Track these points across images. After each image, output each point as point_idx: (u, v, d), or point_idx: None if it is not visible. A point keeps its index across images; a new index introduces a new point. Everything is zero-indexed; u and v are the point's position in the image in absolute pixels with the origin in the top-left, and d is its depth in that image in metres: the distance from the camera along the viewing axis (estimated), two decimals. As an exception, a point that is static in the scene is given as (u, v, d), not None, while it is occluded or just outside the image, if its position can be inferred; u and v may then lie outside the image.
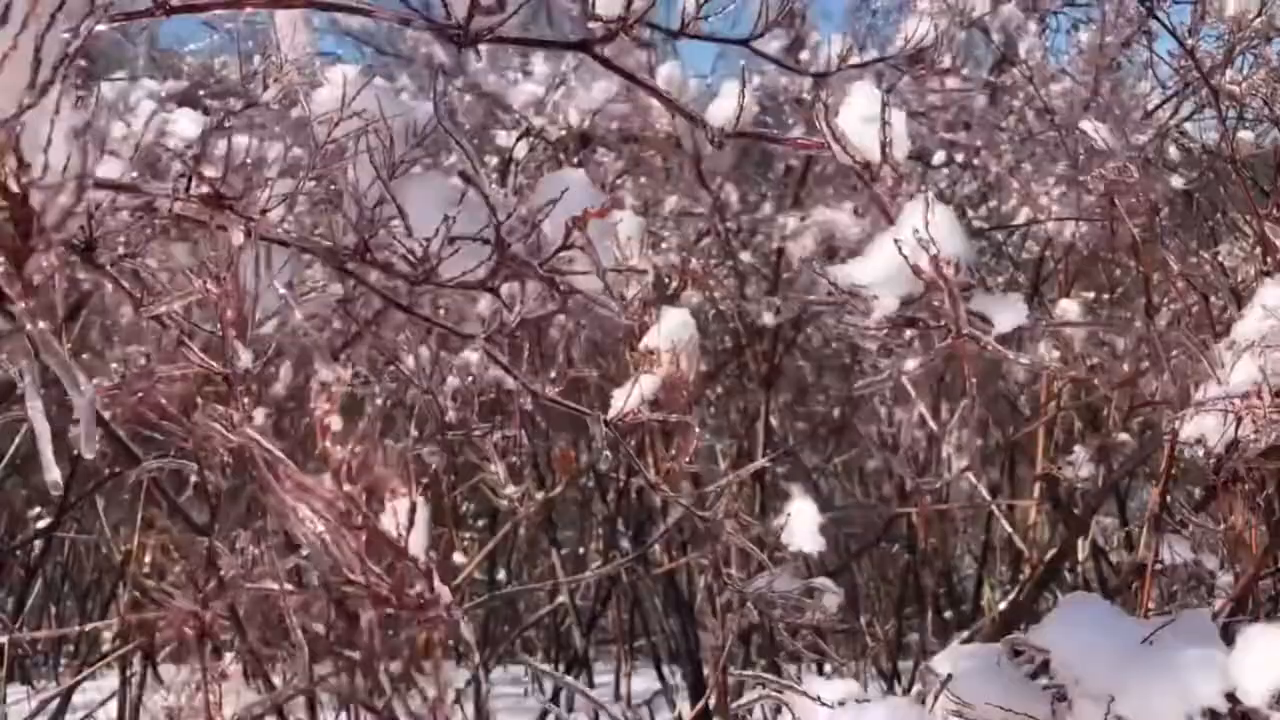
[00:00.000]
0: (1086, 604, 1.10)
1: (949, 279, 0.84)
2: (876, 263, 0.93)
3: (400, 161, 1.38)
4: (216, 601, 2.02)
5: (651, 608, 3.97)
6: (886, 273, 0.91)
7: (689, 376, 1.80)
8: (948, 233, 0.90)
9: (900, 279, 0.90)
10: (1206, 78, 2.83)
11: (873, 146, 0.94)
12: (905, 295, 0.91)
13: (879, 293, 0.91)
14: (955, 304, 0.83)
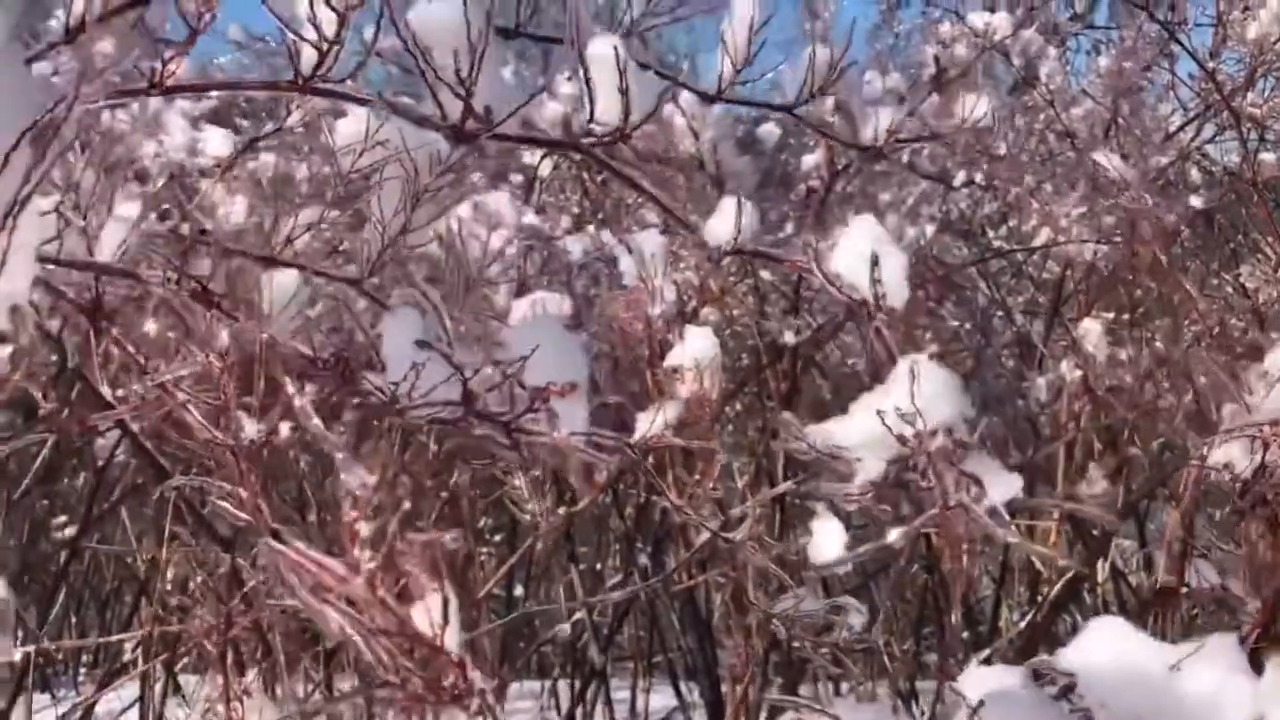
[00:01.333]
0: (1112, 627, 1.10)
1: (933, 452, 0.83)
2: (860, 425, 0.89)
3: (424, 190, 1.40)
4: (241, 616, 2.04)
5: (669, 624, 3.97)
6: (870, 435, 0.88)
7: (713, 395, 1.82)
8: (939, 396, 0.87)
9: (885, 442, 0.87)
10: (1228, 100, 2.84)
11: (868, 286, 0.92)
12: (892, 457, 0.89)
13: (863, 455, 0.89)
14: (940, 477, 0.82)
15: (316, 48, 0.93)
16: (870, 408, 0.89)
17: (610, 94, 0.94)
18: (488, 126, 0.91)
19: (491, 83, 0.92)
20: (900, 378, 0.87)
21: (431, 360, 0.83)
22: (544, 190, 3.20)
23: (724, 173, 2.67)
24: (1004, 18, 3.01)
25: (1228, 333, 2.43)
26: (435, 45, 0.90)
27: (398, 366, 0.83)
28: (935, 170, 3.25)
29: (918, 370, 0.87)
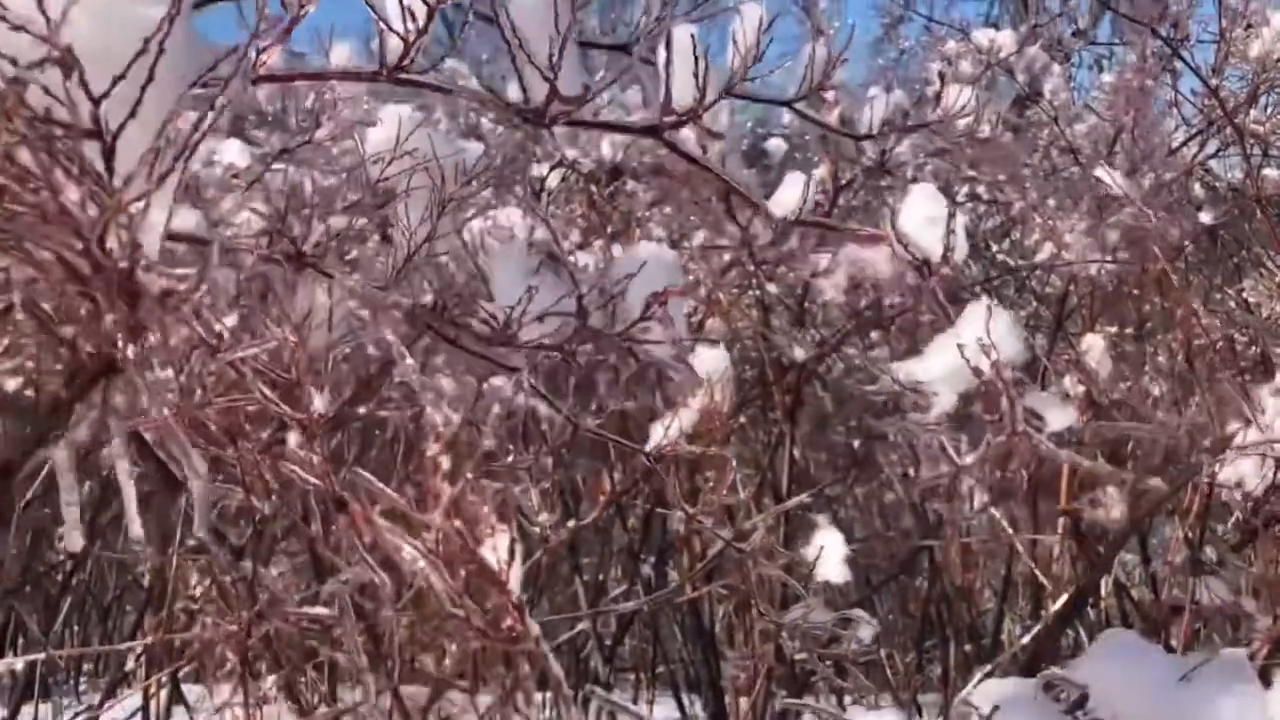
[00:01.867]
0: (1124, 640, 1.11)
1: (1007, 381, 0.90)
2: (936, 362, 0.99)
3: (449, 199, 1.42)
4: (255, 626, 2.04)
5: (671, 636, 3.98)
6: (945, 371, 0.97)
7: (724, 408, 1.83)
8: (1006, 336, 0.97)
9: (959, 377, 0.96)
10: (1231, 117, 2.86)
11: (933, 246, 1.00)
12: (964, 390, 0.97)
13: (939, 390, 0.97)
14: (1012, 405, 0.89)
15: (402, 38, 0.96)
16: (945, 345, 0.99)
17: (685, 78, 1.00)
18: (574, 107, 0.95)
19: (571, 70, 0.96)
20: (970, 319, 0.98)
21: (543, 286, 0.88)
22: (551, 202, 3.22)
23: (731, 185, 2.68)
24: (1008, 35, 3.03)
25: (1232, 348, 2.44)
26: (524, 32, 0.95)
27: (507, 296, 0.88)
28: (938, 185, 3.27)
29: (991, 310, 0.96)
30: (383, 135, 1.31)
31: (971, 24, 3.46)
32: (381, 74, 0.97)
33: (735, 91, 1.17)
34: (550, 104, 0.94)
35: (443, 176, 1.14)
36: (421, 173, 1.15)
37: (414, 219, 1.15)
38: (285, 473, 1.08)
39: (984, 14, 11.86)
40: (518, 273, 0.94)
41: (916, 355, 1.03)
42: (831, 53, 1.42)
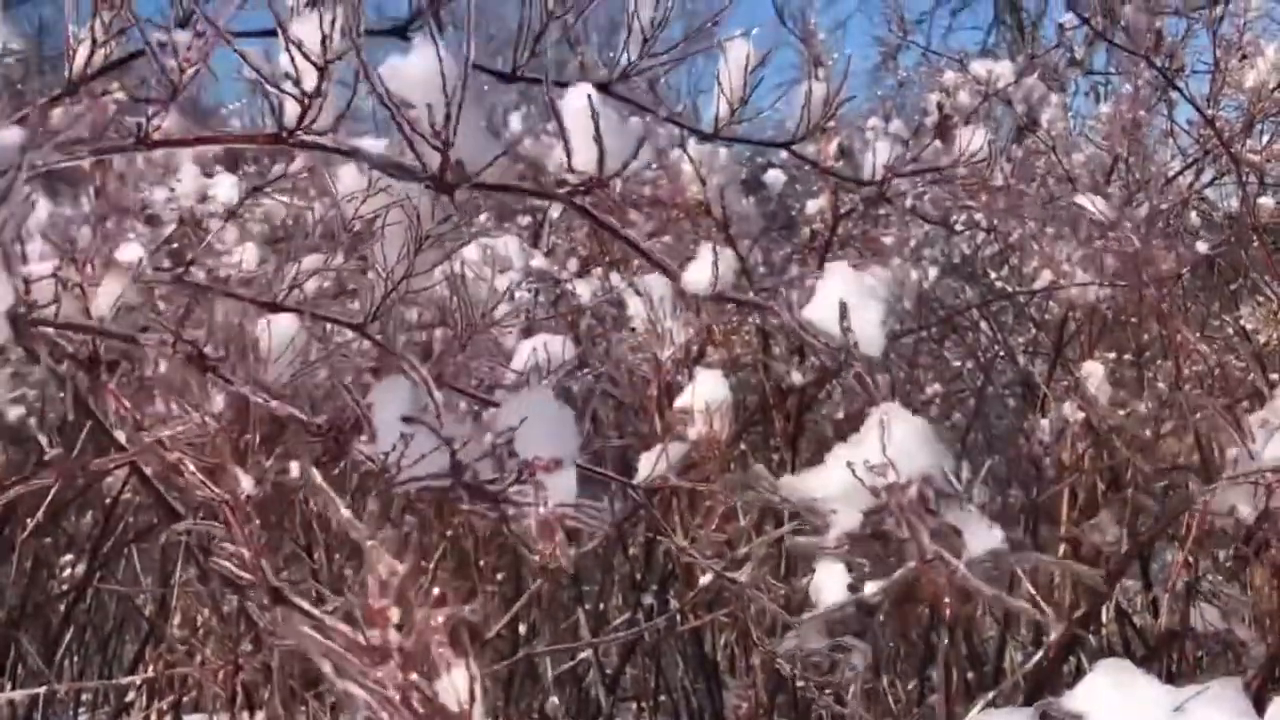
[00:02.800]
0: (1118, 669, 1.12)
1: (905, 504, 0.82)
2: (834, 476, 0.87)
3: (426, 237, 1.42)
4: (250, 657, 2.05)
5: (673, 665, 3.96)
6: (843, 488, 0.86)
7: (723, 437, 1.84)
8: (914, 446, 0.85)
9: (859, 494, 0.85)
10: (1227, 146, 2.88)
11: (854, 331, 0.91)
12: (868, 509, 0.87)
13: (837, 508, 0.86)
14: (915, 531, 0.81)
15: (299, 101, 0.94)
16: (842, 459, 0.87)
17: (586, 143, 0.95)
18: (465, 177, 0.93)
19: (472, 133, 0.92)
20: (871, 428, 0.86)
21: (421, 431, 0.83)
22: (552, 232, 3.24)
23: (730, 217, 2.71)
24: (1006, 65, 3.06)
25: (1228, 375, 2.45)
26: (414, 97, 0.91)
27: (388, 435, 0.84)
28: (938, 214, 3.29)
29: (887, 420, 0.85)
30: (356, 173, 1.31)
31: (969, 54, 3.49)
32: (281, 136, 0.95)
33: (723, 135, 1.17)
34: (444, 172, 0.91)
35: (418, 215, 1.14)
36: (397, 209, 1.15)
37: (391, 257, 1.16)
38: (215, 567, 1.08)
39: (981, 43, 11.94)
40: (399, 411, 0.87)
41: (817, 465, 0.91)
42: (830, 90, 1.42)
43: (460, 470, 0.84)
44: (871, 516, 0.85)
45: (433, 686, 0.63)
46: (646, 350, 2.13)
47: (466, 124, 0.89)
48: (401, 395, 0.85)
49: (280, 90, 0.90)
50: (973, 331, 4.07)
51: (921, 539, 0.80)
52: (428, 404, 0.85)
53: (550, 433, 0.87)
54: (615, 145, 0.95)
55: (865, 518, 0.85)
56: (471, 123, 0.91)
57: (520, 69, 1.19)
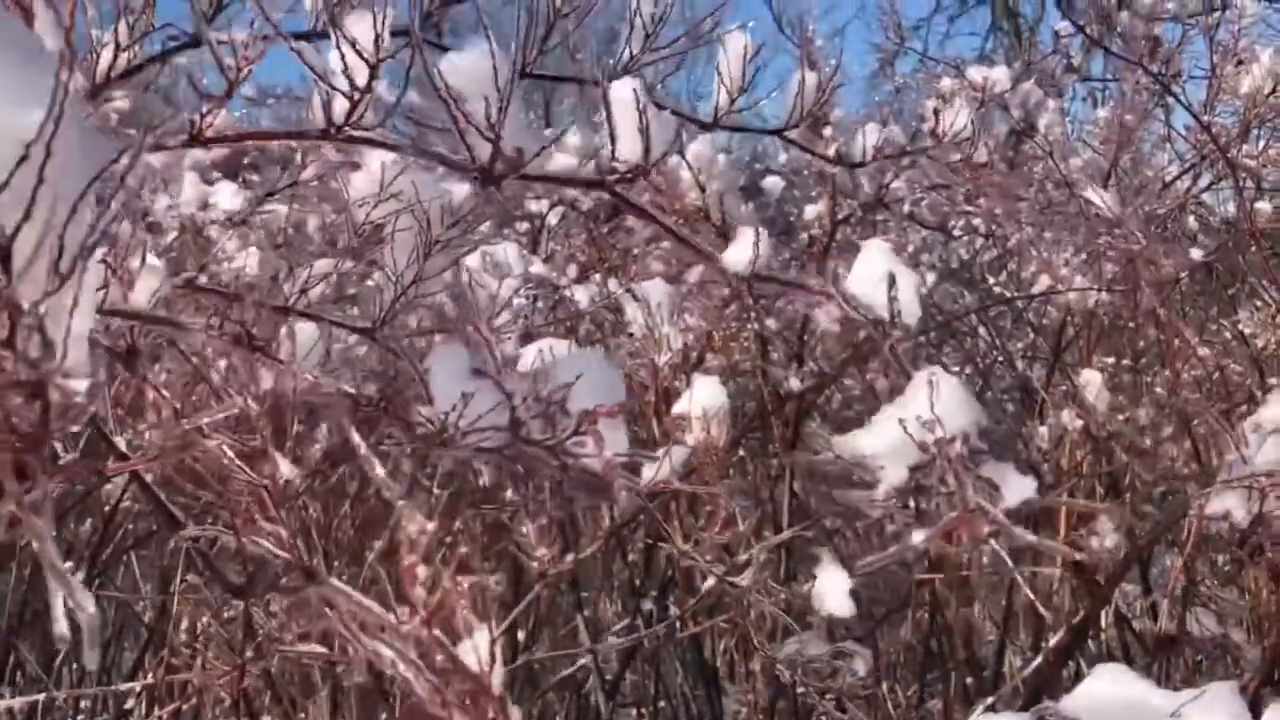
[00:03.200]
0: (1114, 674, 1.12)
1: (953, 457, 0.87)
2: (882, 434, 0.93)
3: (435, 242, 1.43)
4: (253, 664, 2.05)
5: (672, 671, 3.96)
6: (893, 444, 0.92)
7: (721, 442, 1.84)
8: (956, 406, 0.91)
9: (908, 450, 0.91)
10: (1223, 151, 2.89)
11: (884, 306, 0.96)
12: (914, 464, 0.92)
13: (886, 464, 0.92)
14: (960, 482, 0.86)
15: (348, 97, 0.96)
16: (892, 418, 0.93)
17: (631, 133, 0.99)
18: (515, 168, 0.95)
19: (516, 127, 0.96)
20: (918, 388, 0.91)
21: (480, 391, 0.87)
22: (551, 239, 3.25)
23: (729, 223, 2.71)
24: (1003, 71, 3.07)
25: (1226, 379, 2.46)
26: (464, 92, 0.94)
27: (446, 398, 0.87)
28: (935, 220, 3.30)
29: (936, 381, 0.90)
30: (366, 179, 1.32)
31: (966, 61, 3.50)
32: (329, 132, 0.97)
33: (723, 124, 1.18)
34: (494, 163, 0.94)
35: (428, 219, 1.15)
36: (408, 215, 1.16)
37: (401, 262, 1.17)
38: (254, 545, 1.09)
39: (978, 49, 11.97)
40: (456, 375, 0.91)
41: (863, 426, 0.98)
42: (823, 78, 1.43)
43: (519, 426, 0.87)
44: (917, 471, 0.91)
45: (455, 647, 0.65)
46: (644, 356, 2.13)
47: (513, 118, 0.93)
48: (459, 360, 0.89)
49: (331, 87, 0.92)
50: (971, 337, 4.08)
51: (966, 490, 0.85)
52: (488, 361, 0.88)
53: (602, 388, 0.92)
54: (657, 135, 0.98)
55: (911, 472, 0.91)
56: (517, 117, 0.94)
57: (529, 66, 1.20)
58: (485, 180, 0.95)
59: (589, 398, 0.91)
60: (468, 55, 0.95)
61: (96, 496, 3.57)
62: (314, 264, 1.28)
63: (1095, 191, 2.79)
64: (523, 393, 0.89)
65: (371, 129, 0.98)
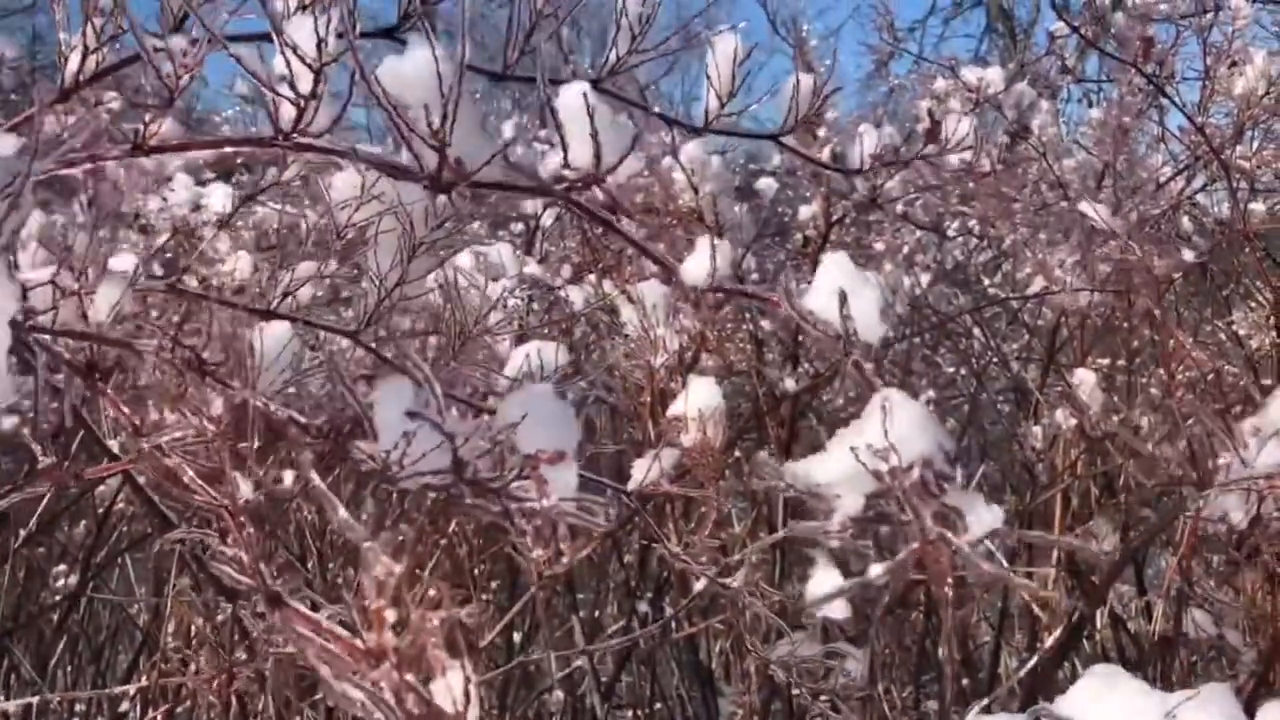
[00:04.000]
0: (1110, 675, 1.12)
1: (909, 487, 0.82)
2: (837, 461, 0.87)
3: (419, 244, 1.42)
4: (244, 666, 2.04)
5: (668, 672, 3.96)
6: (848, 472, 0.87)
7: (716, 443, 1.84)
8: (913, 430, 0.86)
9: (863, 478, 0.86)
10: (1217, 153, 2.89)
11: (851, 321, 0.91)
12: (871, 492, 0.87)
13: (841, 493, 0.87)
14: (918, 513, 0.82)
15: (294, 104, 0.94)
16: (845, 444, 0.88)
17: (582, 140, 0.95)
18: (463, 176, 0.92)
19: (468, 133, 0.92)
20: (874, 413, 0.86)
21: (423, 428, 0.83)
22: (545, 239, 3.24)
23: (723, 224, 2.71)
24: (997, 72, 3.07)
25: (1221, 380, 2.46)
26: (409, 98, 0.91)
27: (389, 435, 0.84)
28: (930, 220, 3.30)
29: (889, 405, 0.86)
30: (347, 181, 1.31)
31: (960, 61, 3.50)
32: (277, 139, 0.95)
33: (713, 128, 1.18)
34: (440, 172, 0.91)
35: (411, 222, 1.14)
36: (390, 217, 1.14)
37: (384, 264, 1.16)
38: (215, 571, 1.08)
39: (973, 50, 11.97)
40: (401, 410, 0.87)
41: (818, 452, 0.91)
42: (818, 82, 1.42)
43: (462, 467, 0.84)
44: (874, 500, 0.86)
45: (428, 687, 0.63)
46: (640, 357, 2.13)
47: (462, 124, 0.90)
48: (404, 395, 0.86)
49: (276, 93, 0.90)
50: (966, 338, 4.08)
51: (924, 520, 0.81)
52: (430, 402, 0.85)
53: (551, 428, 0.88)
54: (610, 141, 0.95)
55: (868, 501, 0.86)
56: (467, 123, 0.91)
57: (510, 68, 1.19)
58: (434, 188, 0.92)
59: (538, 438, 0.86)
60: (410, 59, 0.93)
61: (90, 498, 3.56)
62: (297, 267, 1.27)
63: (1089, 204, 2.79)
64: (464, 433, 0.85)
65: (320, 135, 0.96)
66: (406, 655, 0.63)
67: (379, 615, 0.63)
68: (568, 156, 0.95)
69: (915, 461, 0.84)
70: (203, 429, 1.00)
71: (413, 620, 0.64)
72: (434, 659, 0.63)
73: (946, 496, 0.84)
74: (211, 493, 1.01)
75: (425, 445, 0.84)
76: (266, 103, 0.92)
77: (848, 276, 0.96)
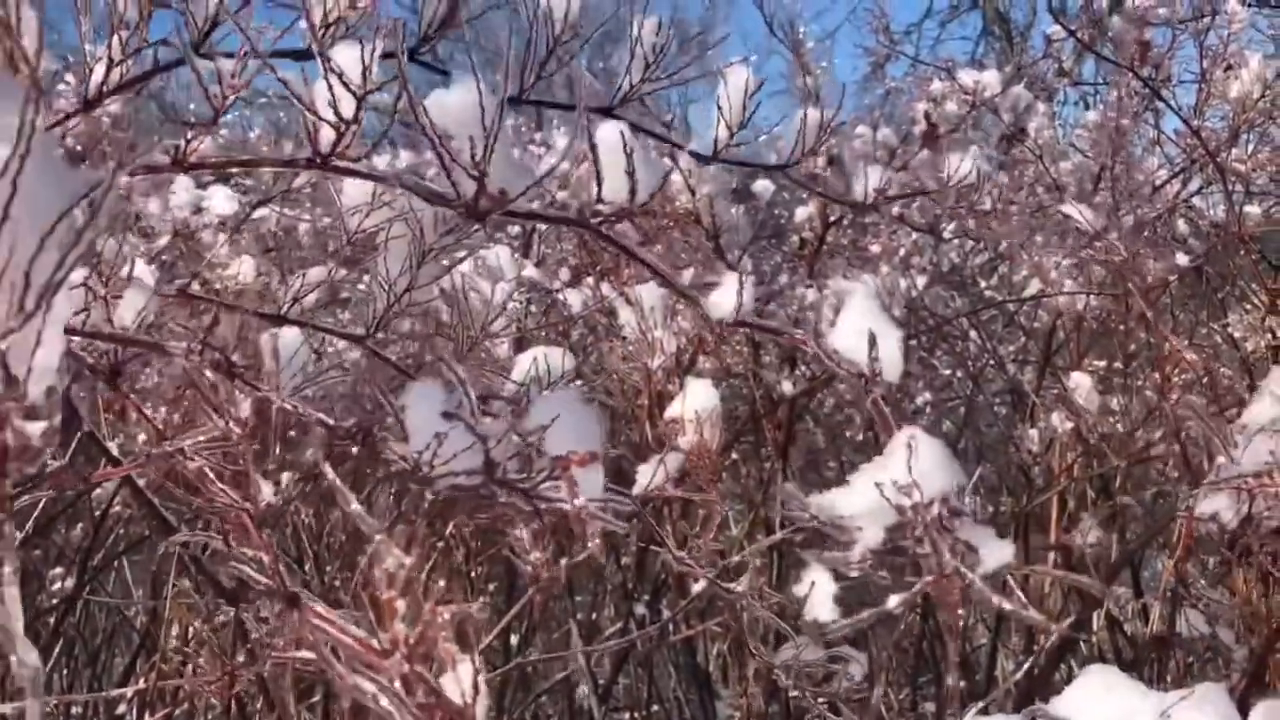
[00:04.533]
0: (1104, 675, 1.12)
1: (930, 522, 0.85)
2: (860, 495, 0.91)
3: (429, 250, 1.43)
4: (244, 670, 2.04)
5: (666, 675, 3.97)
6: (870, 505, 0.90)
7: (713, 446, 1.84)
8: (934, 467, 0.90)
9: (885, 512, 0.89)
10: (1213, 156, 2.91)
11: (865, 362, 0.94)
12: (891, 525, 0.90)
13: (863, 524, 0.90)
14: (937, 547, 0.85)
15: (334, 128, 0.95)
16: (870, 479, 0.91)
17: (617, 174, 0.98)
18: (500, 205, 0.94)
19: (503, 162, 0.95)
20: (897, 450, 0.90)
21: (454, 430, 0.85)
22: (543, 242, 3.25)
23: (720, 226, 2.72)
24: (993, 75, 3.08)
25: (1216, 382, 2.47)
26: (452, 128, 0.93)
27: (421, 436, 0.86)
28: (926, 222, 3.31)
29: (915, 444, 0.89)
30: (360, 188, 1.32)
31: (957, 64, 3.51)
32: (315, 161, 0.96)
33: (722, 157, 1.19)
34: (479, 200, 0.93)
35: (421, 228, 1.15)
36: (400, 223, 1.16)
37: (393, 270, 1.16)
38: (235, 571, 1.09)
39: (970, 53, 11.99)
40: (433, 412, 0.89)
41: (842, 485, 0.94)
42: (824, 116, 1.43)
43: (493, 467, 0.86)
44: (894, 533, 0.89)
45: (437, 680, 0.64)
46: (637, 360, 2.14)
47: (499, 154, 0.92)
48: (434, 398, 0.88)
49: (318, 116, 0.92)
50: (962, 340, 4.09)
51: (943, 554, 0.84)
52: (462, 403, 0.87)
53: (578, 430, 0.90)
54: (644, 178, 0.98)
55: (888, 534, 0.89)
56: (504, 153, 0.93)
57: (527, 91, 1.20)
58: (470, 215, 0.94)
59: (565, 440, 0.88)
60: (455, 92, 0.95)
61: (87, 501, 3.57)
62: (307, 271, 1.28)
63: (1074, 206, 2.80)
64: (496, 434, 0.88)
65: (357, 159, 0.97)
66: (417, 648, 0.64)
67: (390, 606, 0.64)
68: (601, 190, 0.98)
69: (935, 497, 0.87)
70: (228, 431, 1.01)
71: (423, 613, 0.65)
72: (444, 652, 0.64)
73: (960, 531, 0.87)
74: (233, 495, 1.02)
75: (456, 446, 0.86)
76: (306, 124, 0.93)
77: (873, 318, 0.99)
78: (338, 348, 1.69)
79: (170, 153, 0.97)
